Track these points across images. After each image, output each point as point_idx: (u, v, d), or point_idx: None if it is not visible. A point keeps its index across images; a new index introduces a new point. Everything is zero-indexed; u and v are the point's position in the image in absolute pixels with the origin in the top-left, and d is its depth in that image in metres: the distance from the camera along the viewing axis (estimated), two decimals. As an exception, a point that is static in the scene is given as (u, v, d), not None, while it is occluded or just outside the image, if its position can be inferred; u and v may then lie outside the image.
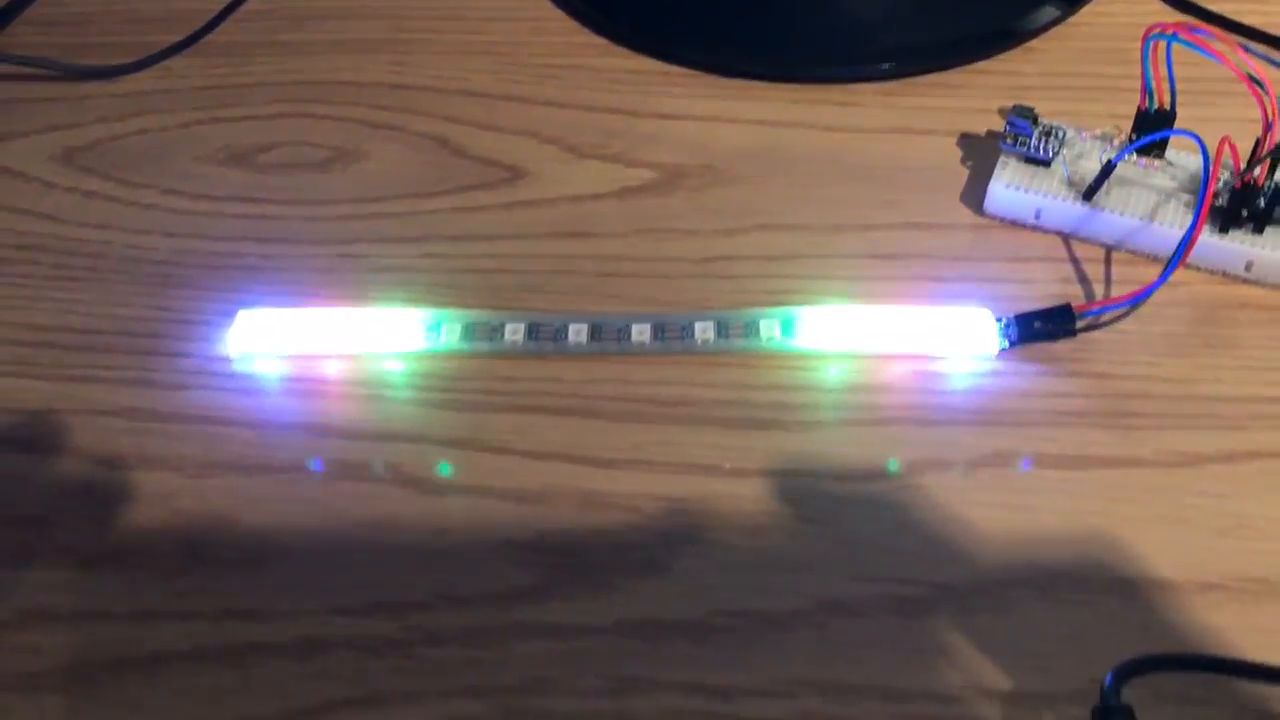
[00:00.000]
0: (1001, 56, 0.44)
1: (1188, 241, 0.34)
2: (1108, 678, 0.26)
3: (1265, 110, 0.34)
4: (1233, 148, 0.35)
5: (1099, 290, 0.37)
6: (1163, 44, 0.35)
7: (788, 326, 0.36)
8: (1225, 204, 0.36)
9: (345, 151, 0.43)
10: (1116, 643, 0.29)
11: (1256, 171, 0.35)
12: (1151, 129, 0.37)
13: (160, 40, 0.47)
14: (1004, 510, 0.32)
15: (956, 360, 0.35)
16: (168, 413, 0.35)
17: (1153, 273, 0.35)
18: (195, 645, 0.30)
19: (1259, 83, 0.33)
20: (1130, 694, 0.27)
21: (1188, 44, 0.34)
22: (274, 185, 0.42)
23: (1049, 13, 0.45)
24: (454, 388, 0.35)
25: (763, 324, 0.36)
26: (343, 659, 0.30)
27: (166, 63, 0.47)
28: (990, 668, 0.29)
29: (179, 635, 0.30)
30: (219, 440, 0.34)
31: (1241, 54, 0.33)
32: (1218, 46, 0.34)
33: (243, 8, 0.49)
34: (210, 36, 0.48)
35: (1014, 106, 0.39)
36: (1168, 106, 0.37)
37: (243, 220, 0.41)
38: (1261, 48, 0.42)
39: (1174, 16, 0.45)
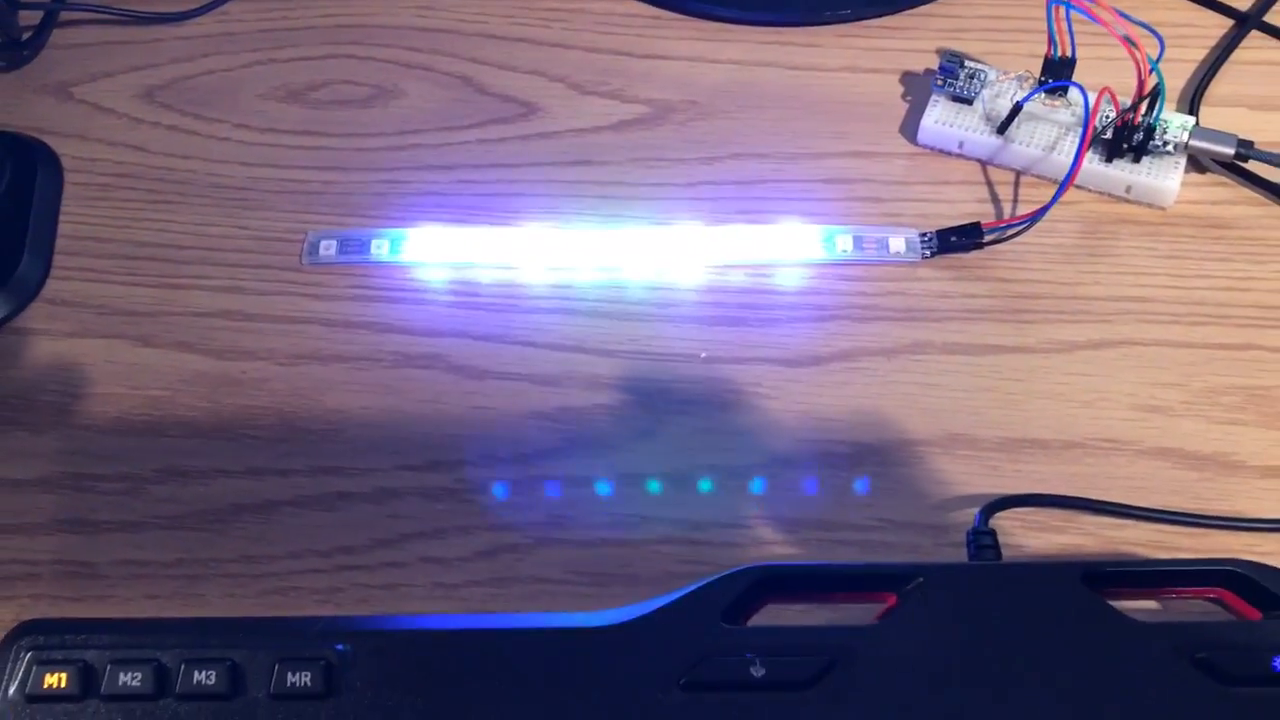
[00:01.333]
0: (943, 1, 0.52)
1: (1071, 173, 0.42)
2: (980, 512, 0.36)
3: (1137, 63, 0.42)
4: (1112, 95, 0.43)
5: (1008, 209, 0.45)
6: (1062, 6, 0.43)
7: (753, 240, 0.44)
8: (1110, 138, 0.44)
9: (384, 89, 0.50)
10: (997, 487, 0.38)
11: (1134, 112, 0.43)
12: (1056, 74, 0.45)
13: (217, -14, 0.55)
14: (918, 388, 0.41)
15: (888, 268, 0.44)
16: (257, 314, 0.44)
17: (1053, 194, 0.43)
18: (296, 494, 0.40)
19: (1132, 43, 0.41)
20: (1004, 523, 0.36)
21: (1078, 9, 0.42)
22: (327, 120, 0.50)
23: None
24: (484, 292, 0.44)
25: (732, 236, 0.44)
26: (410, 502, 0.39)
27: (225, 7, 0.54)
28: (899, 506, 0.38)
29: (282, 487, 0.40)
30: (300, 336, 0.43)
31: (1118, 19, 0.41)
32: (1100, 14, 0.41)
33: (286, -46, 0.56)
34: (261, -18, 0.55)
35: (945, 53, 0.47)
36: (1069, 54, 0.45)
37: (303, 151, 0.49)
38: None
39: (1092, -36, 0.52)
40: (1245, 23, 0.49)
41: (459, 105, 0.50)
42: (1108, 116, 0.44)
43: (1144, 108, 0.43)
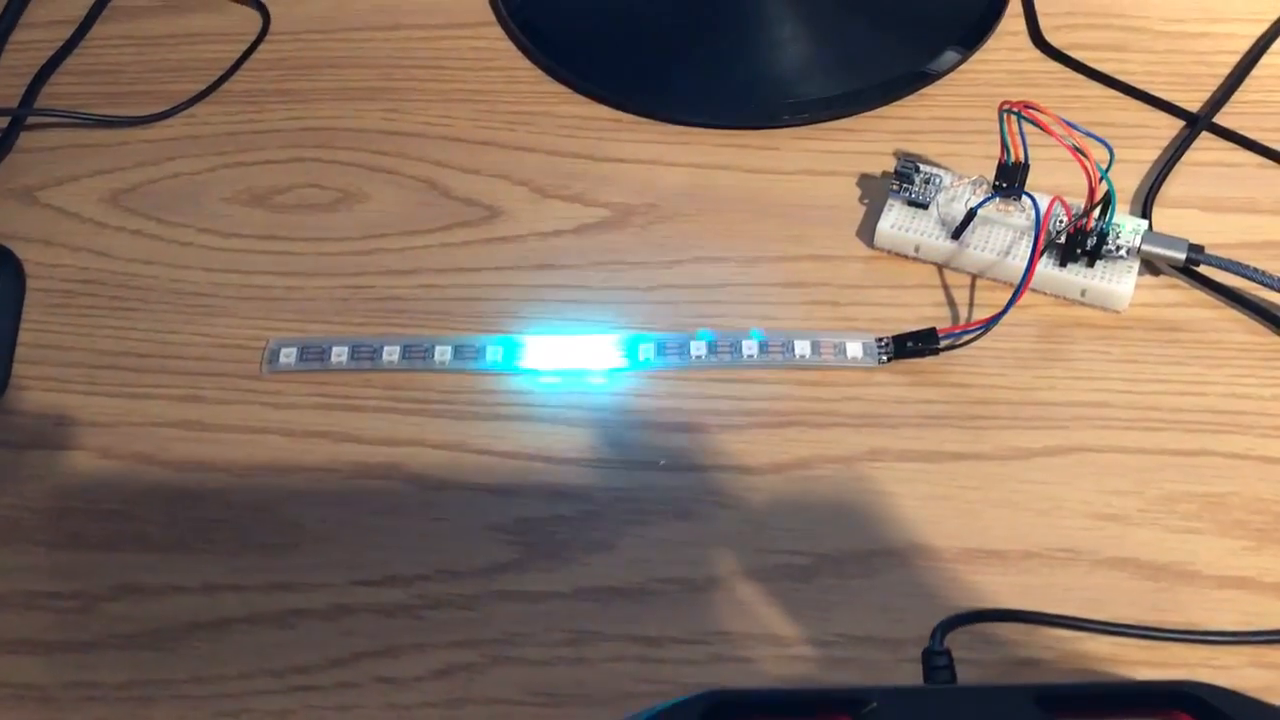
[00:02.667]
0: (901, 102, 0.53)
1: (1024, 282, 0.43)
2: (935, 630, 0.35)
3: (1087, 172, 0.42)
4: (1064, 203, 0.44)
5: (964, 313, 0.46)
6: (1013, 116, 0.44)
7: (713, 345, 0.44)
8: (1064, 242, 0.45)
9: (349, 193, 0.51)
10: (954, 600, 0.38)
11: (1086, 219, 0.44)
12: (1009, 179, 0.46)
13: (185, 89, 0.55)
14: (875, 496, 0.41)
15: (845, 372, 0.44)
16: (216, 424, 0.44)
17: (1008, 297, 0.44)
18: (250, 611, 0.39)
19: (1082, 152, 0.42)
20: (961, 638, 0.36)
21: (1029, 121, 0.43)
22: (291, 224, 0.50)
23: (950, 58, 0.54)
24: (443, 399, 0.44)
25: (692, 344, 0.45)
26: (364, 619, 0.39)
27: (192, 110, 0.55)
28: (856, 619, 0.38)
29: (237, 603, 0.40)
30: (258, 446, 0.43)
31: (1067, 129, 0.42)
32: (1049, 124, 0.42)
33: (255, 56, 0.57)
34: (228, 85, 0.56)
35: (900, 158, 0.47)
36: (1022, 159, 0.45)
37: (266, 256, 0.49)
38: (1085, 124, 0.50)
39: (1045, 65, 0.54)
40: (1196, 124, 0.50)
41: (423, 209, 0.50)
42: (1061, 222, 0.44)
43: (1095, 214, 0.44)
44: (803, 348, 0.44)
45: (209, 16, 0.59)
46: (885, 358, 0.44)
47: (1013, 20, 0.55)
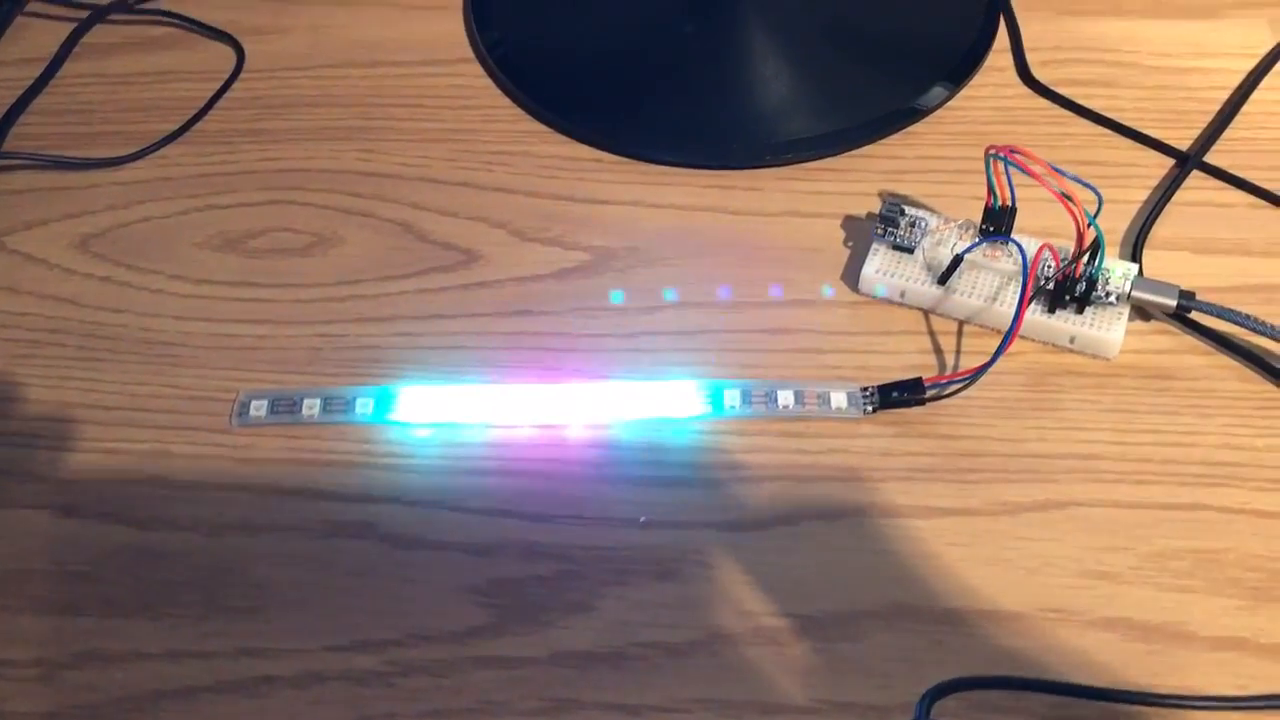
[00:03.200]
0: (886, 141, 0.52)
1: (1012, 332, 0.42)
2: (919, 702, 0.34)
3: (1075, 219, 0.41)
4: (1052, 251, 0.43)
5: (950, 360, 0.44)
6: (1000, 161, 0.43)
7: (695, 397, 0.43)
8: (1052, 289, 0.44)
9: (324, 237, 0.50)
10: (942, 663, 0.37)
11: (1075, 265, 0.43)
12: (997, 222, 0.45)
13: (157, 129, 0.54)
14: (860, 554, 0.40)
15: (829, 423, 0.43)
16: (184, 480, 0.43)
17: (997, 343, 0.43)
18: (217, 679, 0.38)
19: (1068, 198, 0.41)
20: (949, 704, 0.35)
21: (1015, 166, 0.42)
22: (263, 270, 0.49)
23: (936, 95, 0.53)
24: (418, 453, 0.43)
25: (672, 393, 0.43)
26: (335, 688, 0.38)
27: (163, 151, 0.53)
28: (840, 685, 0.37)
29: (204, 671, 0.38)
30: (227, 504, 0.42)
31: (1054, 175, 0.41)
32: (1036, 170, 0.41)
33: (228, 94, 0.56)
34: (201, 124, 0.54)
35: (885, 201, 0.46)
36: (1009, 203, 0.44)
37: (238, 303, 0.48)
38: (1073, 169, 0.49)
39: (1033, 101, 0.53)
40: (1186, 163, 0.49)
41: (399, 253, 0.49)
42: (1049, 267, 0.43)
43: (1084, 260, 0.43)
44: (786, 398, 0.43)
45: (182, 54, 0.58)
46: (870, 408, 0.43)
47: (1000, 55, 0.55)
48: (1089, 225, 0.41)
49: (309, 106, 0.55)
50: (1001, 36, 0.55)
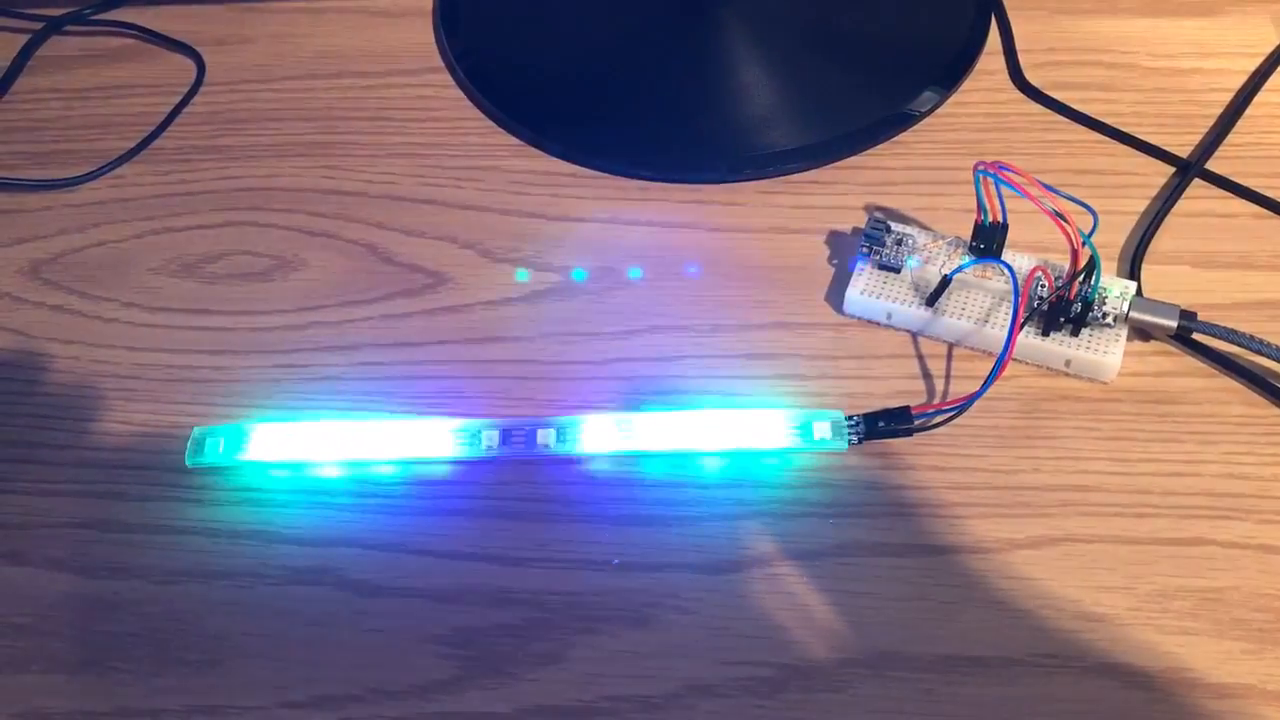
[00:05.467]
0: (873, 151, 0.49)
1: (1003, 359, 0.39)
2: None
3: (1069, 238, 0.39)
4: (1045, 273, 0.40)
5: (940, 386, 0.42)
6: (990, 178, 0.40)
7: (671, 427, 0.41)
8: (1046, 310, 0.41)
9: (285, 260, 0.48)
10: (931, 715, 0.35)
11: (1070, 286, 0.40)
12: (987, 239, 0.42)
13: (114, 146, 0.52)
14: (845, 596, 0.38)
15: (812, 456, 0.41)
16: (135, 523, 0.41)
17: (988, 367, 0.40)
18: (168, 739, 0.36)
19: (1061, 216, 0.39)
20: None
21: (1005, 184, 0.40)
22: (221, 296, 0.47)
23: (926, 101, 0.50)
24: (381, 492, 0.41)
25: (647, 426, 0.41)
26: (292, 748, 0.36)
27: (119, 170, 0.51)
28: (824, 741, 0.35)
29: (154, 729, 0.36)
30: (180, 549, 0.40)
31: (1045, 192, 0.39)
32: (1028, 189, 0.39)
33: (187, 109, 0.53)
34: (159, 141, 0.52)
35: (870, 218, 0.44)
36: (1000, 220, 0.42)
37: (194, 332, 0.46)
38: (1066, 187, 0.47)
39: (1026, 106, 0.50)
40: (1187, 170, 0.47)
41: (362, 276, 0.47)
42: (1043, 288, 0.41)
43: (1079, 281, 0.40)
44: (768, 427, 0.41)
45: (140, 66, 0.55)
46: (856, 438, 0.41)
47: (991, 58, 0.52)
48: (1084, 244, 0.39)
49: (270, 121, 0.53)
50: (993, 38, 0.53)
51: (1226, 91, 0.50)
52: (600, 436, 0.41)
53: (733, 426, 0.41)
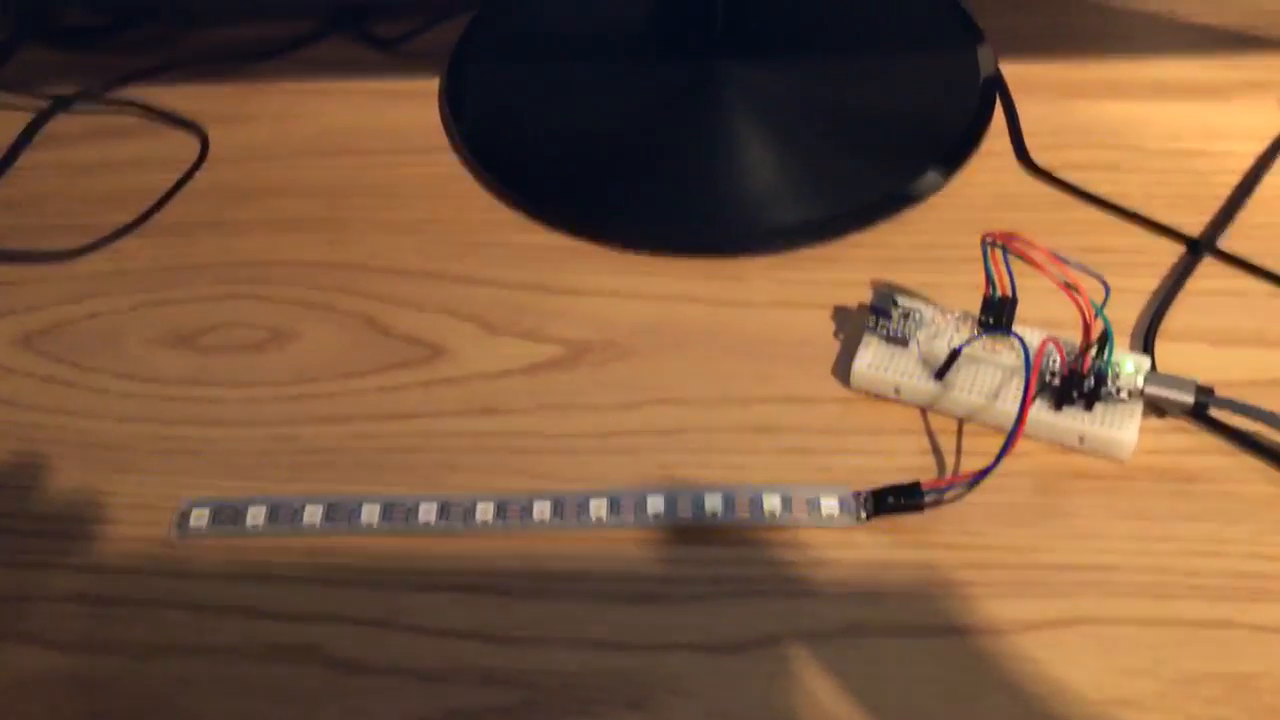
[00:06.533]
0: (876, 228, 0.49)
1: (1014, 434, 0.38)
2: None
3: (1081, 309, 0.38)
4: (1057, 346, 0.39)
5: (950, 462, 0.41)
6: (998, 249, 0.40)
7: (671, 504, 0.40)
8: (1059, 385, 0.40)
9: (281, 332, 0.47)
10: (946, 805, 0.33)
11: (1083, 359, 0.39)
12: (996, 313, 0.41)
13: (113, 220, 0.51)
14: (855, 679, 0.36)
15: (819, 531, 0.39)
16: (117, 597, 0.39)
17: (999, 443, 0.39)
18: (137, 825, 0.34)
19: (1073, 287, 0.38)
20: None
21: (1014, 254, 0.39)
22: (215, 367, 0.46)
23: (931, 180, 0.50)
24: (371, 566, 0.39)
25: (650, 501, 0.40)
26: (268, 836, 0.34)
27: (117, 243, 0.51)
28: (833, 833, 0.33)
29: (123, 815, 0.34)
30: (161, 624, 0.38)
31: (1056, 262, 0.38)
32: (1037, 258, 0.38)
33: (189, 185, 0.53)
34: (159, 215, 0.52)
35: (877, 291, 0.43)
36: (1009, 293, 0.41)
37: (185, 403, 0.45)
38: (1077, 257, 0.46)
39: (1033, 186, 0.50)
40: (1198, 249, 0.46)
41: (360, 349, 0.46)
42: (1055, 361, 0.40)
43: (1092, 354, 0.39)
44: (772, 503, 0.40)
45: (144, 142, 0.55)
46: (864, 515, 0.39)
47: (997, 139, 0.52)
48: (1096, 316, 0.38)
49: (274, 196, 0.52)
50: (999, 120, 0.53)
51: (1234, 173, 0.50)
52: (598, 511, 0.40)
53: (736, 501, 0.40)
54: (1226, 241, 0.47)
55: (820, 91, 0.53)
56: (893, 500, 0.39)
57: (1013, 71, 0.54)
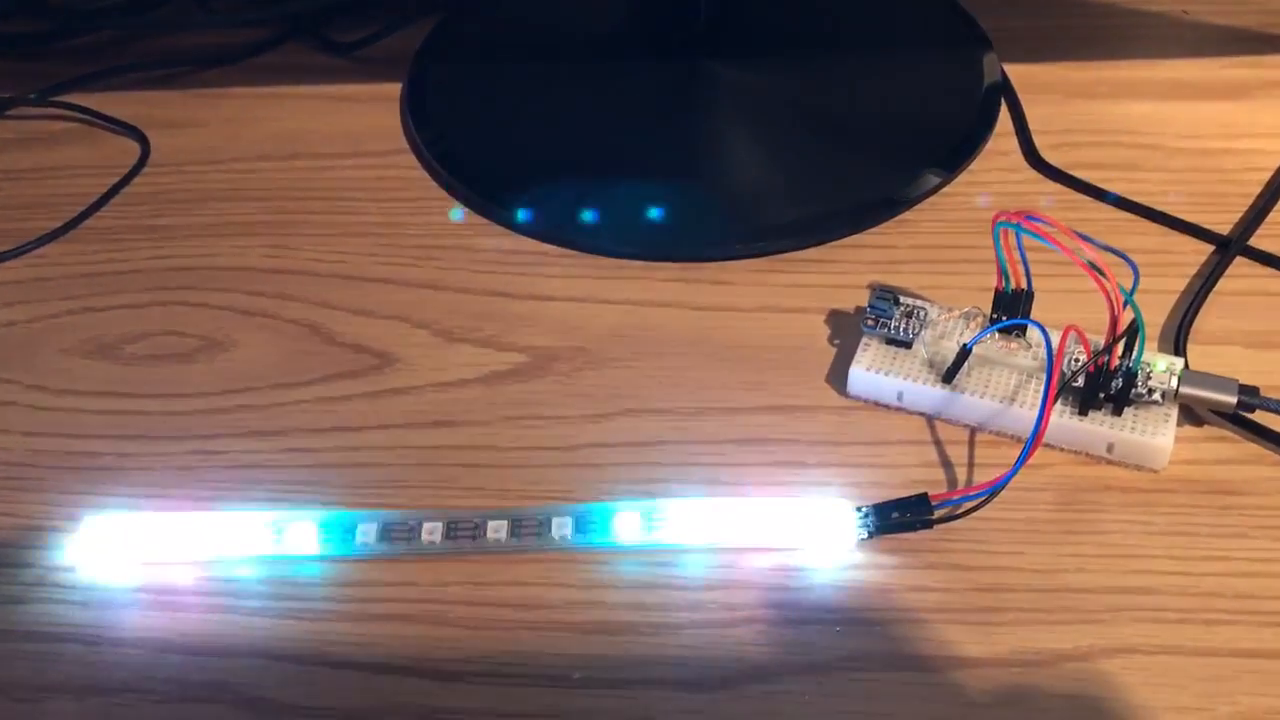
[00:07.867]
0: (876, 230, 0.44)
1: (1036, 434, 0.33)
2: None
3: (1109, 296, 0.34)
4: (1080, 334, 0.35)
5: (961, 475, 0.36)
6: (1011, 230, 0.35)
7: (646, 521, 0.35)
8: (1082, 385, 0.36)
9: (213, 341, 0.42)
10: None
11: (1109, 355, 0.35)
12: (1009, 308, 0.37)
13: (40, 227, 0.47)
14: (857, 717, 0.31)
15: (815, 553, 0.34)
16: (6, 630, 0.34)
17: (1016, 454, 0.34)
18: None
19: (1100, 270, 0.33)
20: None
21: (1031, 234, 0.34)
22: (138, 378, 0.41)
23: (929, 180, 0.46)
24: (302, 595, 0.34)
25: (619, 519, 0.35)
26: None
27: (42, 250, 0.46)
28: None
29: None
30: (52, 660, 0.33)
31: (1080, 243, 0.33)
32: (1058, 237, 0.34)
33: (126, 190, 0.49)
34: (90, 221, 0.48)
35: (875, 289, 0.39)
36: (1024, 286, 0.37)
37: (103, 416, 0.40)
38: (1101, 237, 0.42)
39: (1044, 185, 0.46)
40: (1228, 248, 0.42)
41: (300, 358, 0.41)
42: (1077, 360, 0.35)
43: (1120, 349, 0.35)
44: (759, 521, 0.35)
45: (81, 149, 0.51)
46: (867, 532, 0.34)
47: (1004, 139, 0.48)
48: (1125, 304, 0.34)
49: (216, 201, 0.48)
50: (1005, 123, 0.49)
51: (1263, 171, 0.46)
52: (561, 530, 0.35)
53: (720, 519, 0.35)
54: (1259, 240, 0.43)
55: (808, 91, 0.49)
56: (898, 516, 0.34)
57: (1019, 73, 0.50)
